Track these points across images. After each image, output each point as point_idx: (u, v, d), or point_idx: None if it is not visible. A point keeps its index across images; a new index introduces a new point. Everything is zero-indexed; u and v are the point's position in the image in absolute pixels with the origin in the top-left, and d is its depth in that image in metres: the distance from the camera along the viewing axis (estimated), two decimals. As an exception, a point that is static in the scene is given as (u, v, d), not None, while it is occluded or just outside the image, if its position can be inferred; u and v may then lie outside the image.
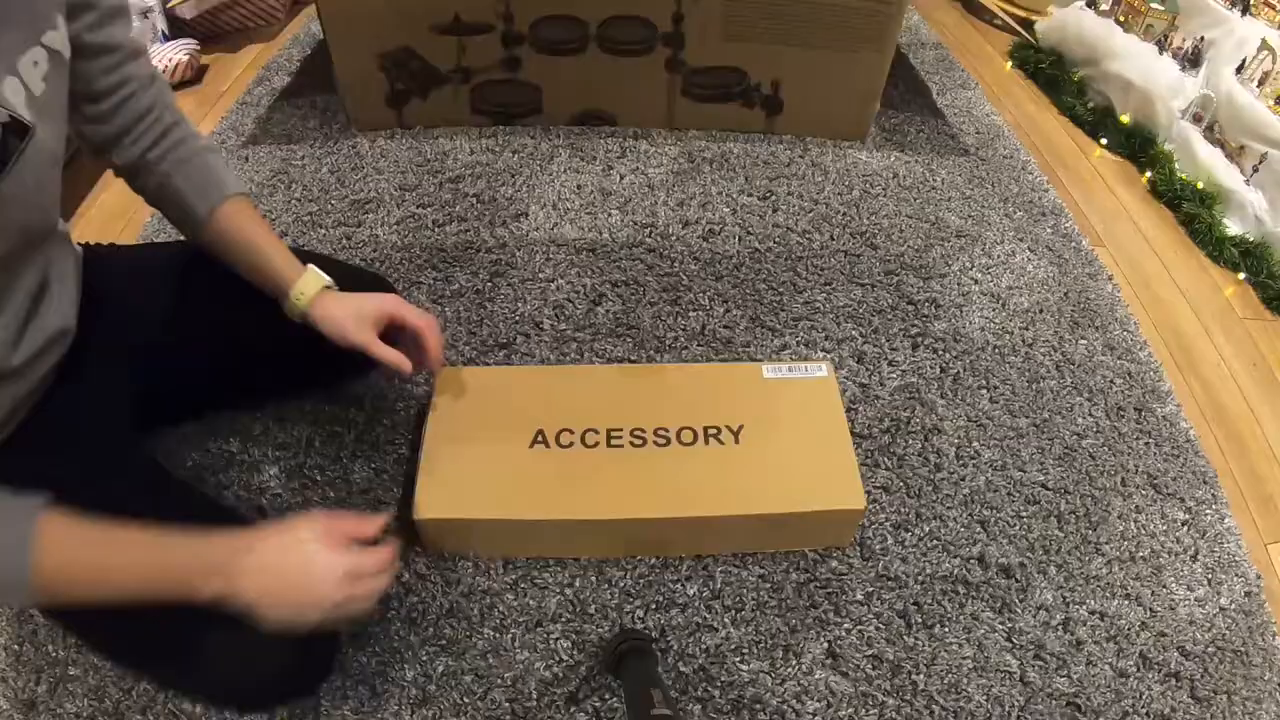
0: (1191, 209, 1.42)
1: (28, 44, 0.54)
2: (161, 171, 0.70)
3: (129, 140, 0.68)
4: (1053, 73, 1.77)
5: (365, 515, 0.63)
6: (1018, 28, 1.93)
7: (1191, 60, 1.53)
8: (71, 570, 0.52)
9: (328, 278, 0.76)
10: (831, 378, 0.92)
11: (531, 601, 0.82)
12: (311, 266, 0.76)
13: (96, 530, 0.53)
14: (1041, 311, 1.20)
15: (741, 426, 0.86)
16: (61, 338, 0.67)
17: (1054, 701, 0.79)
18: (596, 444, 0.84)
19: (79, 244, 0.75)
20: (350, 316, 0.74)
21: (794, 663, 0.79)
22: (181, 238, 0.77)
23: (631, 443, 0.84)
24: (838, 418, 0.89)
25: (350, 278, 0.90)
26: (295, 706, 0.73)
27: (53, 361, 0.66)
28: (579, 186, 1.33)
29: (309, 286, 0.74)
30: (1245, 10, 1.49)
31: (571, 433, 0.84)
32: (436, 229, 1.24)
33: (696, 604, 0.83)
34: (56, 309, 0.66)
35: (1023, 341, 1.15)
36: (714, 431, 0.85)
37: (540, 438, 0.84)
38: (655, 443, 0.84)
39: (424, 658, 0.77)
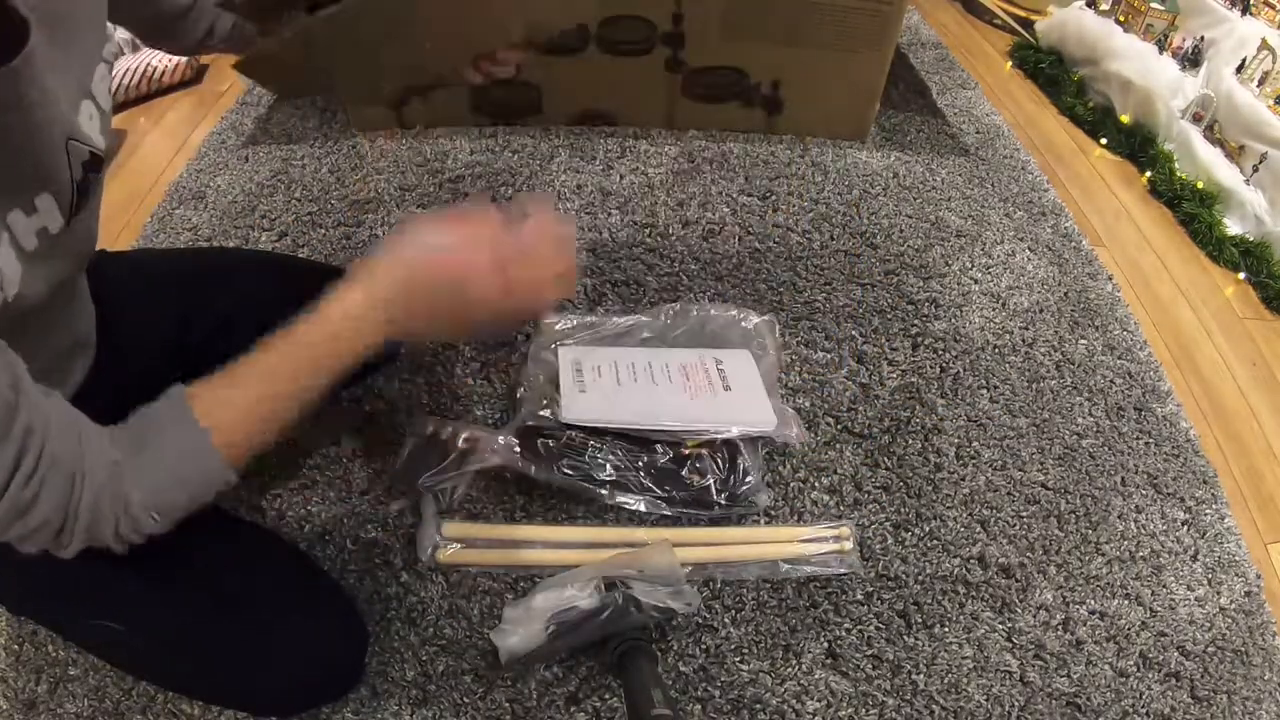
0: (1191, 208, 1.42)
1: (95, 61, 0.53)
2: (248, 27, 0.70)
3: (217, 28, 0.69)
4: (1053, 73, 1.77)
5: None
6: (1018, 28, 1.93)
7: (1191, 60, 1.53)
8: (248, 424, 0.53)
9: None
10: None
11: (531, 601, 0.82)
12: None
13: (238, 377, 0.53)
14: (1041, 311, 1.20)
15: None
16: (82, 347, 0.67)
17: (1054, 701, 0.79)
18: None
19: None
20: None
21: (794, 663, 0.79)
22: (179, 245, 0.77)
23: None
24: None
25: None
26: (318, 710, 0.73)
27: (78, 376, 0.66)
28: (579, 186, 1.33)
29: None
30: (1245, 10, 1.49)
31: None
32: (436, 229, 1.24)
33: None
34: (81, 316, 0.66)
35: (1023, 341, 1.15)
36: None
37: None
38: None
39: (424, 658, 0.77)
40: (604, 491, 0.87)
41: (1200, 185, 1.44)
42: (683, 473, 0.89)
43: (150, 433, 0.50)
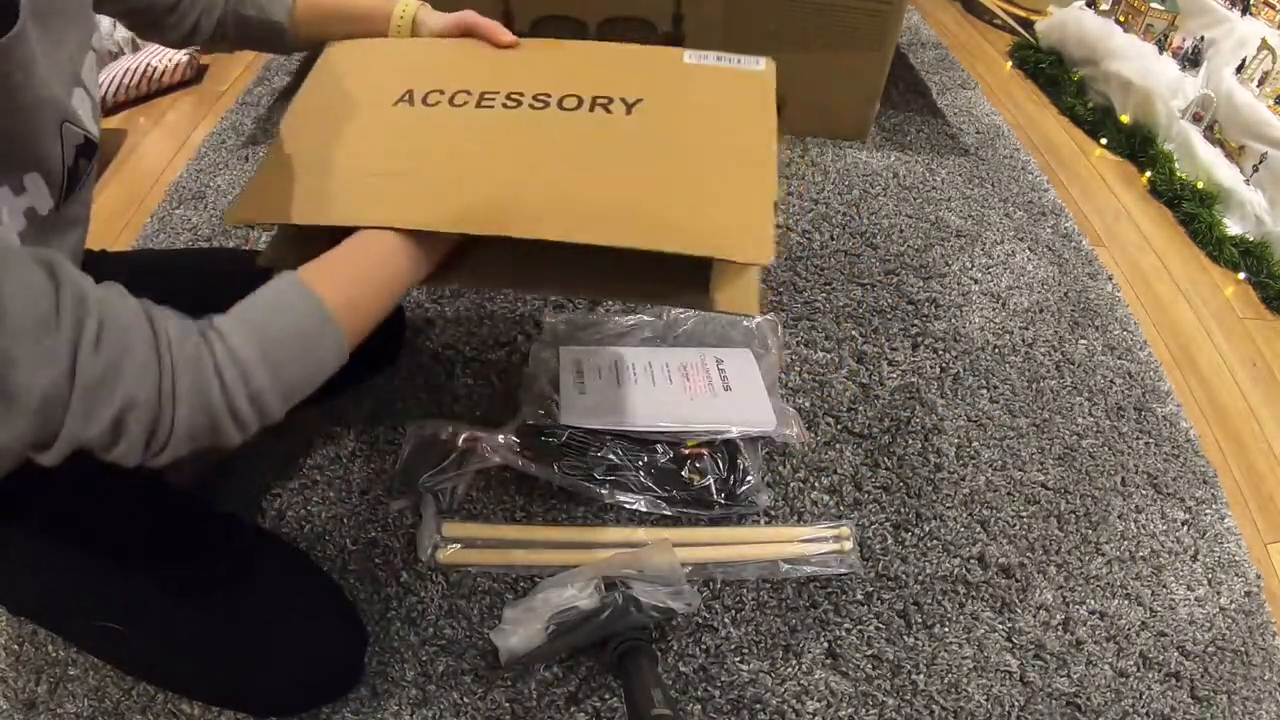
0: (1191, 208, 1.42)
1: (85, 49, 0.53)
2: (234, 19, 0.70)
3: (204, 23, 0.69)
4: (1053, 73, 1.77)
5: None
6: (1018, 28, 1.93)
7: (1191, 60, 1.53)
8: (360, 303, 0.52)
9: None
10: (769, 72, 0.72)
11: (531, 601, 0.82)
12: None
13: (345, 259, 0.53)
14: (1041, 311, 1.20)
15: (639, 100, 0.69)
16: None
17: (1054, 701, 0.79)
18: (464, 104, 0.69)
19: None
20: (451, 18, 0.74)
21: (794, 663, 0.79)
22: (178, 246, 0.77)
23: (504, 105, 0.69)
24: (764, 122, 0.68)
25: None
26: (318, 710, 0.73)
27: None
28: (579, 186, 1.33)
29: (409, 6, 0.74)
30: (1245, 10, 1.49)
31: (441, 93, 0.70)
32: (436, 229, 1.23)
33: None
34: None
35: (1023, 341, 1.15)
36: (604, 101, 0.69)
37: (406, 97, 0.70)
38: (531, 106, 0.68)
39: (424, 658, 0.77)
40: (604, 491, 0.87)
41: (1200, 185, 1.44)
42: (683, 472, 0.89)
43: (269, 312, 0.48)
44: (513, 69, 0.73)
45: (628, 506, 0.88)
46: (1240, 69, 1.43)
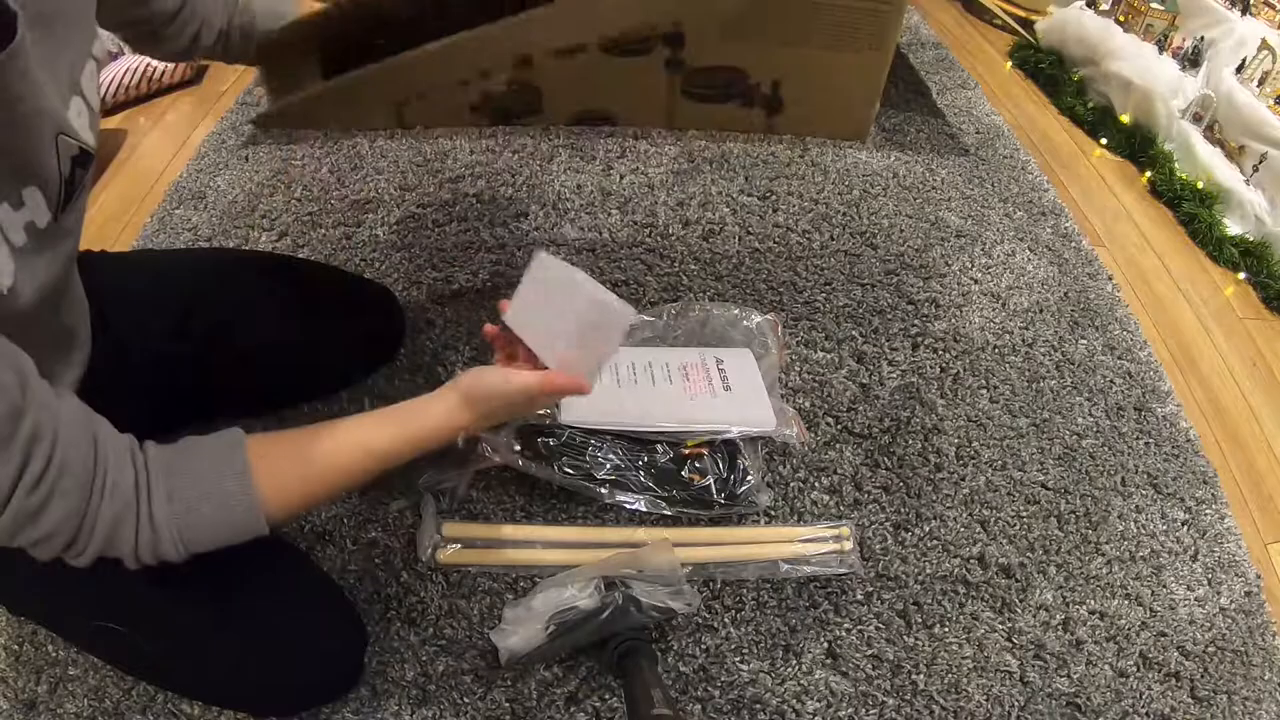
0: (1191, 208, 1.42)
1: (85, 57, 0.52)
2: (237, 29, 0.71)
3: (204, 34, 0.69)
4: (1053, 73, 1.77)
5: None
6: (1018, 28, 1.93)
7: (1191, 60, 1.53)
8: (298, 498, 0.55)
9: None
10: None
11: (531, 601, 0.82)
12: None
13: (304, 448, 0.56)
14: (1041, 311, 1.20)
15: None
16: (75, 341, 0.67)
17: (1054, 701, 0.79)
18: None
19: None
20: None
21: (794, 663, 0.79)
22: (178, 246, 0.77)
23: None
24: None
25: (354, 288, 0.89)
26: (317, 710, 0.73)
27: (73, 375, 0.66)
28: (579, 186, 1.33)
29: None
30: (1245, 10, 1.49)
31: None
32: (436, 229, 1.24)
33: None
34: (73, 309, 0.66)
35: (1023, 341, 1.15)
36: None
37: None
38: None
39: (424, 658, 0.77)
40: (604, 491, 0.87)
41: (1200, 185, 1.44)
42: (683, 472, 0.89)
43: (202, 496, 0.50)
44: None
45: (628, 506, 0.88)
46: (1240, 69, 1.43)
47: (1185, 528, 0.95)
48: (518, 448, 0.88)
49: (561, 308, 0.60)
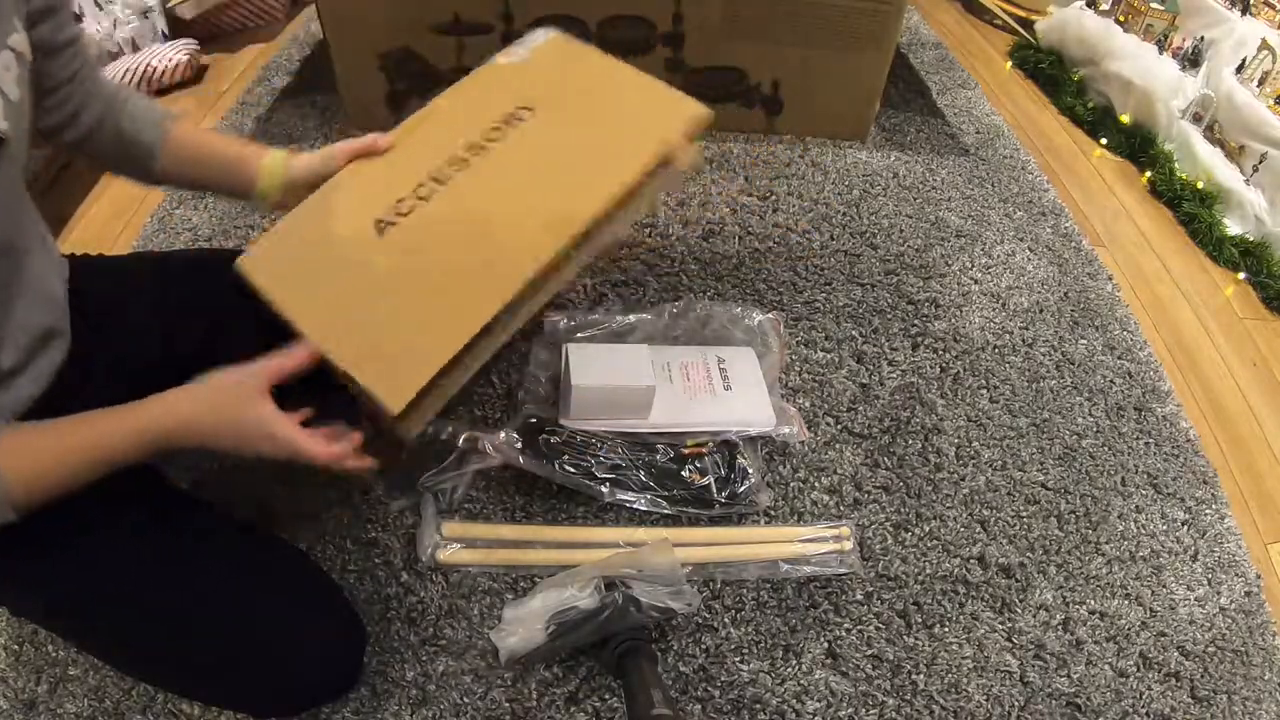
0: (1191, 208, 1.42)
1: None
2: (110, 126, 0.70)
3: (83, 115, 0.68)
4: (1053, 73, 1.77)
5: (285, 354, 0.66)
6: (1018, 28, 1.93)
7: (1191, 60, 1.53)
8: (44, 482, 0.55)
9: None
10: (556, 35, 0.82)
11: (531, 601, 0.82)
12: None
13: (50, 432, 0.56)
14: (1041, 311, 1.20)
15: (526, 109, 0.77)
16: (51, 338, 0.66)
17: (1054, 701, 0.79)
18: (429, 195, 0.72)
19: (67, 254, 0.74)
20: (320, 154, 0.74)
21: (794, 663, 0.79)
22: (177, 246, 0.77)
23: (438, 181, 0.73)
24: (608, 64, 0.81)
25: None
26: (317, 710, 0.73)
27: (51, 366, 0.66)
28: (579, 186, 1.33)
29: (277, 154, 0.74)
30: (1245, 10, 1.49)
31: (404, 200, 0.73)
32: (436, 229, 1.24)
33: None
34: (36, 307, 0.65)
35: (1023, 341, 1.15)
36: (498, 128, 0.76)
37: (380, 226, 0.71)
38: (458, 166, 0.73)
39: (424, 658, 0.77)
40: (604, 490, 0.87)
41: (1200, 185, 1.44)
42: (683, 472, 0.89)
43: None
44: (416, 156, 0.76)
45: (628, 506, 0.88)
46: (1240, 69, 1.43)
47: (1185, 528, 0.95)
48: (518, 447, 0.88)
49: None
